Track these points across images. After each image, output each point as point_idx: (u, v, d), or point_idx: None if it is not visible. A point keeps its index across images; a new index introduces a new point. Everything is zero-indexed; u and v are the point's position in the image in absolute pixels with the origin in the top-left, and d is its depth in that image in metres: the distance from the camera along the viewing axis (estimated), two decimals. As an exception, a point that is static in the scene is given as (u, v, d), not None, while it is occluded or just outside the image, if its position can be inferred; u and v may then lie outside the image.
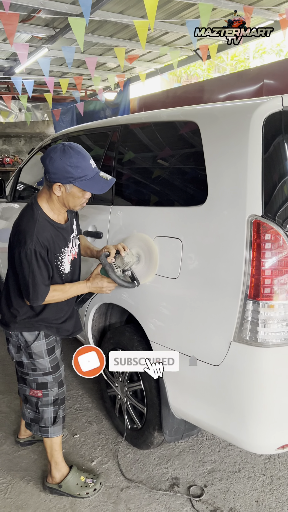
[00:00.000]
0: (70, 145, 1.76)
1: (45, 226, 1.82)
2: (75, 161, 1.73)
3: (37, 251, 1.76)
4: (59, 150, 1.74)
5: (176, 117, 2.17)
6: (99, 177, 1.81)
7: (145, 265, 2.02)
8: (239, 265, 1.64)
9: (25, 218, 1.83)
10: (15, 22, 3.80)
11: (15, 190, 4.03)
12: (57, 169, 1.73)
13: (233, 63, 14.79)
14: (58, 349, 2.11)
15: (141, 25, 4.24)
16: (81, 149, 1.78)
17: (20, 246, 1.77)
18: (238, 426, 1.74)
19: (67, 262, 1.95)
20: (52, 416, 2.09)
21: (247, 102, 1.86)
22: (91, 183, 1.78)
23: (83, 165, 1.74)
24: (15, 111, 9.71)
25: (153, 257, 1.98)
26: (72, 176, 1.74)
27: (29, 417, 2.16)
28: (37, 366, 2.04)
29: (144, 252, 2.03)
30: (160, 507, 2.05)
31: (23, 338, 2.01)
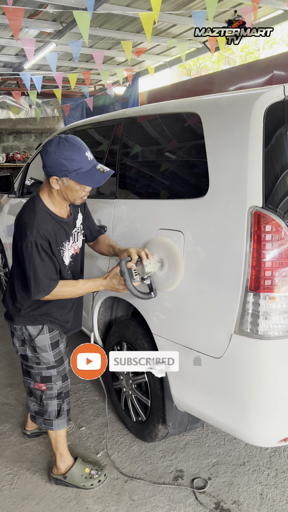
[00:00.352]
0: (65, 138, 1.74)
1: (46, 218, 1.82)
2: (69, 154, 1.71)
3: (37, 243, 1.74)
4: (54, 143, 1.73)
5: (178, 109, 2.15)
6: (95, 170, 1.77)
7: (168, 272, 1.91)
8: (239, 257, 1.63)
9: (26, 211, 1.84)
10: (20, 18, 3.80)
11: (23, 186, 4.06)
12: (52, 162, 1.72)
13: (243, 55, 14.61)
14: (62, 343, 2.12)
15: (147, 17, 4.21)
16: (76, 142, 1.75)
17: (21, 239, 1.77)
18: (239, 419, 1.73)
19: (67, 256, 1.95)
20: (56, 409, 2.11)
21: (249, 92, 1.84)
22: (87, 176, 1.76)
23: (77, 158, 1.72)
24: (25, 107, 9.76)
25: (178, 265, 1.86)
26: (67, 169, 1.72)
27: (34, 410, 2.19)
28: (41, 359, 2.05)
29: (167, 259, 1.92)
30: (163, 498, 2.05)
31: (27, 331, 2.03)
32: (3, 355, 3.60)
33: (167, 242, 1.93)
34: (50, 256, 1.81)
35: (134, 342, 2.29)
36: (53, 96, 8.70)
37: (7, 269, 4.76)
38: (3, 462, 2.33)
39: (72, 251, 1.99)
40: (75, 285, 1.90)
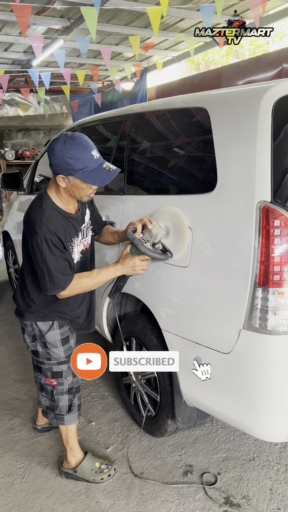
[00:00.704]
0: (71, 136, 1.73)
1: (54, 214, 1.82)
2: (75, 153, 1.70)
3: (47, 238, 1.75)
4: (60, 142, 1.72)
5: (186, 104, 2.14)
6: (101, 169, 1.76)
7: (174, 237, 1.93)
8: (248, 252, 1.62)
9: (34, 208, 1.84)
10: (27, 14, 3.81)
11: (32, 182, 4.08)
12: (58, 161, 1.72)
13: (252, 48, 14.46)
14: (72, 339, 2.13)
15: (154, 12, 4.19)
16: (82, 140, 1.74)
17: (31, 236, 1.78)
18: (248, 414, 1.73)
19: (76, 252, 1.95)
20: (67, 404, 2.13)
21: (257, 86, 1.82)
22: (93, 175, 1.75)
23: (83, 157, 1.71)
24: (34, 104, 9.79)
25: (183, 228, 1.88)
26: (72, 168, 1.72)
27: (45, 405, 2.21)
28: (52, 355, 2.07)
29: (172, 224, 1.94)
30: (173, 493, 2.07)
31: (37, 327, 2.04)
32: (14, 351, 3.63)
33: (171, 208, 1.96)
34: (61, 251, 1.81)
35: (143, 338, 2.30)
36: (61, 92, 8.71)
37: (17, 266, 4.79)
38: (14, 456, 2.36)
39: (81, 247, 2.00)
40: (91, 275, 1.90)
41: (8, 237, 4.87)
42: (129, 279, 2.21)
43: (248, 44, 14.30)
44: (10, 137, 10.28)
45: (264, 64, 5.80)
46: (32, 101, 9.70)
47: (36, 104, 9.93)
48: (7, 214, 4.95)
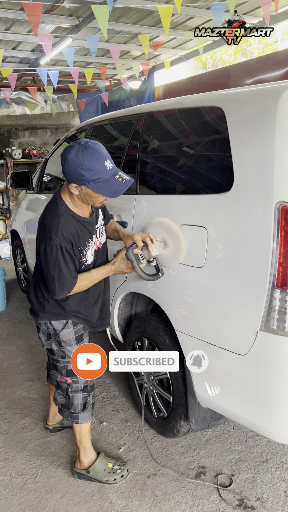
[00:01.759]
0: (85, 146, 1.71)
1: (70, 220, 1.83)
2: (88, 164, 1.68)
3: (62, 246, 1.77)
4: (73, 152, 1.70)
5: (200, 103, 2.12)
6: (114, 180, 1.75)
7: (172, 249, 2.00)
8: (266, 253, 1.60)
9: (49, 213, 1.85)
10: (39, 13, 3.79)
11: (41, 182, 4.08)
12: (70, 170, 1.71)
13: (261, 47, 14.37)
14: (86, 337, 2.14)
15: (165, 10, 4.16)
16: (96, 150, 1.71)
17: (46, 241, 1.79)
18: (264, 416, 1.72)
19: (90, 254, 1.97)
20: (82, 403, 2.13)
21: (274, 85, 1.80)
22: (105, 186, 1.74)
23: (96, 168, 1.70)
24: (41, 103, 9.77)
25: (180, 242, 1.95)
26: (85, 179, 1.71)
27: (61, 403, 2.22)
28: (66, 353, 2.07)
29: (170, 236, 2.00)
30: (186, 494, 2.06)
31: (51, 326, 2.05)
32: (24, 350, 3.63)
33: (165, 222, 2.02)
34: (72, 257, 1.85)
35: (155, 338, 2.28)
36: (68, 91, 8.69)
37: (25, 265, 4.80)
38: (27, 456, 2.36)
39: (94, 247, 2.00)
40: (90, 276, 1.96)
41: (17, 235, 4.87)
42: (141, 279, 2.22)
43: (257, 43, 14.22)
44: (17, 135, 10.28)
45: (273, 62, 5.76)
46: (39, 99, 9.68)
47: (43, 102, 9.91)
48: (15, 213, 4.95)
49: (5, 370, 3.31)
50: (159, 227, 2.06)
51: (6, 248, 7.27)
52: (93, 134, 3.23)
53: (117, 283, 2.54)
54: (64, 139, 3.82)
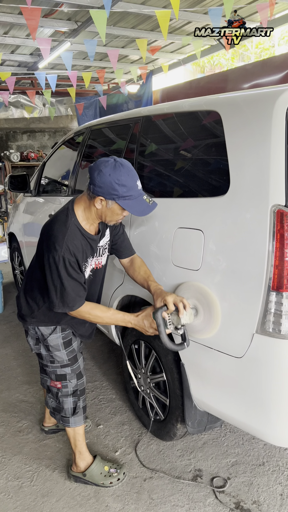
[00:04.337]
0: (121, 162, 1.73)
1: (76, 234, 1.81)
2: (124, 180, 1.69)
3: (65, 258, 1.74)
4: (110, 165, 1.70)
5: (197, 107, 2.14)
6: (142, 200, 1.77)
7: (203, 320, 1.85)
8: (261, 256, 1.61)
9: (57, 223, 1.82)
10: (37, 17, 3.82)
11: (39, 185, 4.09)
12: (104, 183, 1.70)
13: (258, 51, 14.46)
14: (75, 342, 2.13)
15: (163, 15, 4.19)
16: (131, 169, 1.74)
17: (50, 251, 1.77)
18: (260, 419, 1.72)
19: (88, 271, 1.95)
20: (72, 407, 2.13)
21: (270, 89, 1.82)
22: (134, 204, 1.75)
23: (130, 185, 1.71)
24: (39, 106, 9.80)
25: (214, 313, 1.80)
26: (117, 194, 1.71)
27: (52, 406, 2.22)
28: (55, 358, 2.07)
29: (202, 305, 1.85)
30: (183, 497, 2.05)
31: (39, 331, 2.05)
32: (20, 353, 3.63)
33: (202, 288, 1.84)
34: (77, 272, 1.81)
35: (152, 341, 2.29)
36: (66, 95, 8.73)
37: (23, 268, 4.80)
38: (23, 459, 2.36)
39: (93, 265, 1.99)
40: (106, 312, 1.90)
41: (14, 238, 4.87)
42: None
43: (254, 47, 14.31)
44: (15, 138, 10.30)
45: (270, 67, 5.78)
46: (38, 103, 9.72)
47: (41, 106, 9.95)
48: (13, 215, 4.96)
49: (1, 373, 3.30)
50: (193, 291, 1.89)
51: (4, 251, 7.25)
52: (91, 137, 3.24)
53: (114, 286, 2.55)
54: (62, 142, 3.83)
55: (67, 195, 3.39)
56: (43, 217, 3.79)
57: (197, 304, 1.87)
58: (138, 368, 2.49)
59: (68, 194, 3.35)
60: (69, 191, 3.35)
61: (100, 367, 3.34)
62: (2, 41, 6.34)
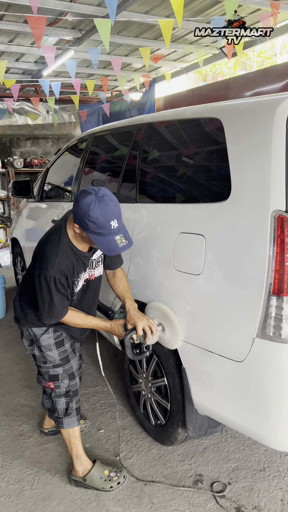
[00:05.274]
0: (100, 198, 1.72)
1: (68, 253, 1.89)
2: (94, 217, 1.70)
3: (56, 278, 1.84)
4: (88, 199, 1.72)
5: (199, 114, 2.17)
6: (113, 239, 1.76)
7: (169, 334, 2.07)
8: (262, 261, 1.63)
9: (50, 242, 1.91)
10: (42, 26, 3.88)
11: (42, 190, 4.12)
12: (78, 214, 1.75)
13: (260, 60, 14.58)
14: (68, 343, 2.17)
15: (166, 24, 4.25)
16: (108, 207, 1.72)
17: (41, 269, 1.85)
18: (261, 423, 1.73)
19: (80, 284, 2.03)
20: (64, 408, 2.16)
21: (271, 97, 1.85)
22: (103, 241, 1.76)
23: (100, 223, 1.71)
24: (43, 113, 9.88)
25: (176, 329, 2.02)
26: (87, 227, 1.74)
27: (47, 407, 2.27)
28: (47, 358, 2.12)
29: (167, 323, 2.07)
30: (183, 502, 2.05)
31: (32, 332, 2.11)
32: (22, 358, 3.64)
33: (164, 309, 2.08)
34: (65, 289, 1.92)
35: (153, 346, 2.30)
36: (70, 102, 8.79)
37: (25, 273, 4.81)
38: (24, 463, 2.36)
39: (86, 276, 2.07)
40: (84, 320, 2.04)
41: (17, 243, 4.90)
42: (139, 285, 2.25)
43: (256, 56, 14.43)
44: (18, 145, 10.38)
45: (272, 75, 5.85)
46: (41, 110, 9.80)
47: (45, 113, 10.03)
48: (16, 221, 4.99)
49: (3, 377, 3.31)
50: (158, 312, 2.13)
51: (6, 256, 7.31)
52: (94, 144, 3.28)
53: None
54: (65, 148, 3.87)
55: (70, 200, 3.42)
56: (46, 222, 3.82)
57: (162, 322, 2.10)
58: (139, 372, 2.50)
59: (71, 200, 3.39)
60: (72, 197, 3.38)
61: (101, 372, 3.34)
62: (7, 49, 6.41)
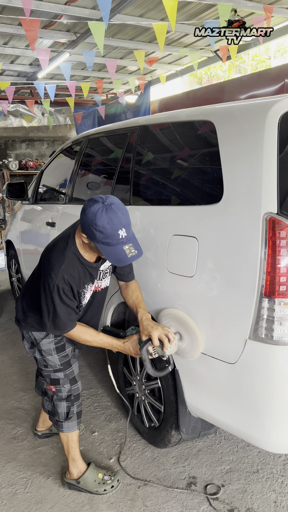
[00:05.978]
0: (107, 207, 1.66)
1: (73, 262, 1.83)
2: (102, 226, 1.64)
3: (59, 287, 1.78)
4: (95, 208, 1.66)
5: (192, 117, 2.18)
6: (122, 249, 1.69)
7: (188, 344, 1.92)
8: (254, 263, 1.64)
9: (56, 249, 1.86)
10: (36, 28, 3.89)
11: (37, 193, 4.12)
12: (85, 223, 1.69)
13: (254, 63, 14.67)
14: (69, 348, 2.14)
15: (160, 27, 4.27)
16: (115, 215, 1.66)
17: (46, 276, 1.81)
18: (254, 425, 1.73)
19: (88, 296, 1.98)
20: (65, 412, 2.14)
21: (263, 100, 1.86)
22: (111, 251, 1.70)
23: (108, 233, 1.65)
24: (38, 116, 9.88)
25: (196, 337, 1.87)
26: (94, 237, 1.68)
27: (48, 409, 2.25)
28: (48, 363, 2.10)
29: (186, 331, 1.92)
30: (177, 505, 2.05)
31: (32, 335, 2.10)
32: (16, 360, 3.63)
33: (182, 316, 1.93)
34: (70, 299, 1.84)
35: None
36: (65, 104, 8.81)
37: (20, 275, 4.81)
38: (17, 466, 2.35)
39: (93, 289, 2.02)
40: (95, 337, 1.96)
41: (12, 246, 4.89)
42: None
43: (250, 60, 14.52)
44: (14, 147, 10.38)
45: (266, 79, 5.89)
46: (36, 112, 9.80)
47: (40, 115, 10.03)
48: (10, 223, 4.98)
49: (-3, 380, 3.30)
50: (175, 319, 1.98)
51: (1, 258, 7.26)
52: (88, 146, 3.28)
53: (109, 293, 2.56)
54: (60, 150, 3.88)
55: (64, 203, 3.42)
56: (40, 225, 3.82)
57: (180, 329, 1.95)
58: (133, 375, 2.50)
59: (66, 202, 3.39)
60: (67, 199, 3.38)
61: (96, 375, 3.34)
62: (2, 51, 6.42)
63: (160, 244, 2.12)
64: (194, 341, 1.89)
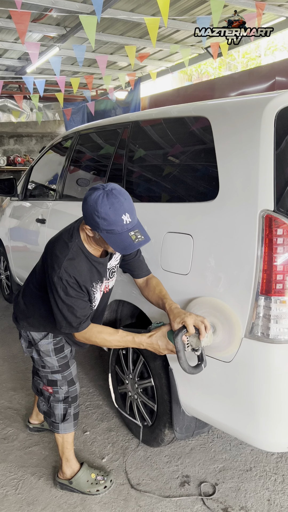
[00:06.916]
0: (108, 192, 1.58)
1: (78, 256, 1.74)
2: (104, 213, 1.56)
3: (63, 279, 1.68)
4: (95, 195, 1.58)
5: (186, 113, 2.16)
6: (127, 236, 1.60)
7: (223, 338, 1.72)
8: (250, 261, 1.62)
9: (60, 242, 1.77)
10: (26, 21, 3.82)
11: (26, 189, 4.06)
12: (87, 213, 1.61)
13: (245, 61, 14.70)
14: (68, 349, 2.10)
15: (152, 22, 4.23)
16: (118, 200, 1.57)
17: (50, 270, 1.73)
18: (249, 424, 1.72)
19: (98, 298, 1.89)
20: (62, 413, 2.10)
21: (259, 96, 1.85)
22: (116, 239, 1.60)
23: (111, 219, 1.56)
24: (27, 111, 9.75)
25: (235, 330, 1.67)
26: (98, 226, 1.59)
27: (43, 410, 2.20)
28: (46, 364, 2.05)
29: (221, 323, 1.72)
30: (170, 504, 2.03)
31: (31, 335, 2.04)
32: (5, 359, 3.57)
33: (219, 304, 1.73)
34: (78, 292, 1.73)
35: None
36: (54, 100, 8.71)
37: (8, 272, 4.74)
38: (7, 467, 2.31)
39: (102, 289, 1.93)
40: (113, 335, 1.80)
41: (0, 243, 4.82)
42: (126, 285, 2.20)
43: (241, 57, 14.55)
44: (2, 143, 10.23)
45: (257, 76, 5.88)
46: (25, 107, 9.67)
47: (28, 110, 9.90)
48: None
49: (-14, 379, 3.25)
50: (209, 308, 1.77)
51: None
52: (79, 142, 3.24)
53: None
54: (50, 146, 3.82)
55: (55, 199, 3.37)
56: (29, 221, 3.76)
57: (214, 321, 1.75)
58: (126, 373, 2.47)
59: (56, 199, 3.34)
60: (57, 196, 3.33)
61: (87, 373, 3.31)
62: (-10, 45, 6.32)
63: (154, 242, 2.09)
64: (231, 335, 1.68)
